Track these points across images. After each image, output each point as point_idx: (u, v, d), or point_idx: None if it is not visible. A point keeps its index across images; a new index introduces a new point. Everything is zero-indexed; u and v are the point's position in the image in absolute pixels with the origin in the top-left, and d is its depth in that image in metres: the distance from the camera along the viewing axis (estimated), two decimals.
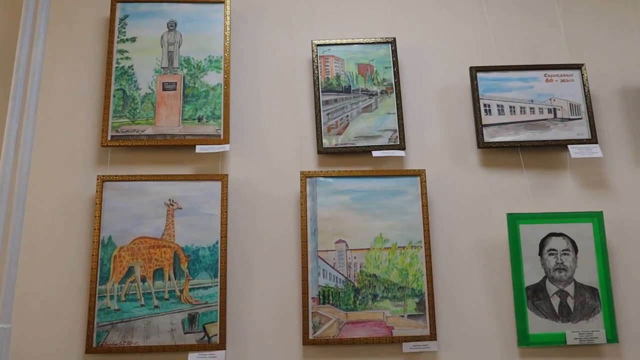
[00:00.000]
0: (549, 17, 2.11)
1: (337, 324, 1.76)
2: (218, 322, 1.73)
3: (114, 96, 1.89)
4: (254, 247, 1.84)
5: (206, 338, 1.73)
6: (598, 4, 2.15)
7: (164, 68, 1.93)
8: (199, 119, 1.89)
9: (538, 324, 1.79)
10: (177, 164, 1.89)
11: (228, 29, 1.97)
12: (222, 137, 1.87)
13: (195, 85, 1.92)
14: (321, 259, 1.80)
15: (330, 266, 1.80)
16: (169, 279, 1.76)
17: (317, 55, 1.97)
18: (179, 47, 1.95)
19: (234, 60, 1.99)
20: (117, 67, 1.91)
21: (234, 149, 1.92)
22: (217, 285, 1.76)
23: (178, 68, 1.93)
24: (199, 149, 1.85)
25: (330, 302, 1.77)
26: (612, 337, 1.79)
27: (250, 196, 1.89)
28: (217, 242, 1.79)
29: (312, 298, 1.77)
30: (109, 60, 1.91)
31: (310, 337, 1.74)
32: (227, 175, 1.85)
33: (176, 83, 1.91)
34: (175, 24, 1.97)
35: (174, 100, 1.90)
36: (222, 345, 1.72)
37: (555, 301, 1.81)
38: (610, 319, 1.80)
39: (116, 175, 1.83)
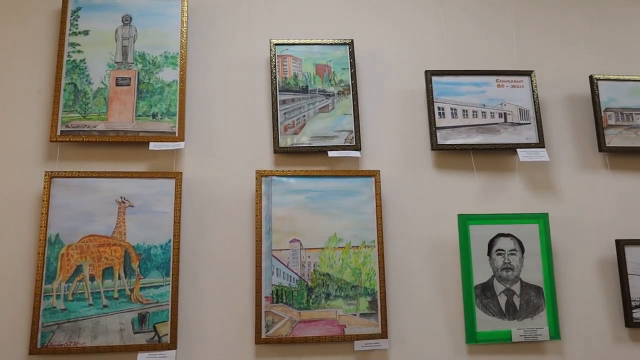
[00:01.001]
0: (502, 25, 2.18)
1: (290, 323, 1.76)
2: (169, 322, 1.71)
3: (65, 90, 1.84)
4: (207, 246, 1.83)
5: (156, 338, 1.70)
6: (549, 15, 2.23)
7: (117, 63, 1.89)
8: (154, 116, 1.86)
9: (485, 322, 1.85)
10: (130, 161, 1.86)
11: (185, 25, 1.94)
12: (176, 135, 1.85)
13: (150, 81, 1.89)
14: (275, 258, 1.80)
15: (284, 265, 1.80)
16: (119, 278, 1.73)
17: (275, 54, 1.97)
18: (134, 41, 1.91)
19: (190, 57, 1.97)
20: (68, 61, 1.86)
21: (188, 146, 1.90)
22: (168, 284, 1.74)
23: (132, 63, 1.90)
24: (153, 146, 1.82)
25: (284, 301, 1.78)
26: (555, 334, 1.86)
27: (204, 194, 1.87)
28: (169, 241, 1.77)
29: (266, 297, 1.77)
30: (60, 53, 1.86)
31: (263, 336, 1.74)
32: (181, 173, 1.83)
33: (130, 78, 1.88)
34: (131, 18, 1.93)
35: (128, 96, 1.87)
36: (172, 345, 1.70)
37: (502, 300, 1.87)
38: (554, 316, 1.87)
39: (65, 172, 1.78)
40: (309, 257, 1.82)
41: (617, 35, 2.24)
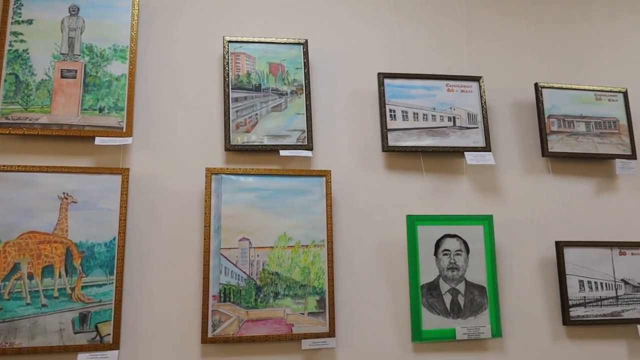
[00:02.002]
0: (454, 31, 2.24)
1: (237, 322, 1.75)
2: (112, 321, 1.67)
3: (5, 81, 1.76)
4: (154, 244, 1.80)
5: (98, 338, 1.66)
6: (498, 23, 2.30)
7: (63, 54, 1.83)
8: (100, 110, 1.81)
9: (431, 320, 1.89)
10: (75, 156, 1.80)
11: (136, 18, 1.90)
12: (124, 130, 1.81)
13: (97, 74, 1.83)
14: (224, 256, 1.79)
15: (233, 264, 1.79)
16: (60, 277, 1.67)
17: (228, 51, 1.96)
18: (81, 33, 1.86)
19: (141, 51, 1.93)
20: (10, 50, 1.79)
21: (137, 142, 1.86)
22: (112, 282, 1.69)
23: (79, 55, 1.84)
24: (99, 140, 1.77)
25: (232, 300, 1.76)
26: (497, 332, 1.92)
27: (152, 191, 1.83)
28: (114, 238, 1.72)
29: (213, 296, 1.75)
30: (1, 42, 1.78)
31: (209, 335, 1.72)
32: (128, 169, 1.78)
33: (76, 71, 1.82)
34: (78, 8, 1.87)
35: (73, 88, 1.81)
36: (115, 345, 1.66)
37: (448, 299, 1.92)
38: (496, 315, 1.93)
39: (4, 165, 1.70)
40: (258, 256, 1.81)
41: (562, 46, 2.33)
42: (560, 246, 2.03)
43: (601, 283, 2.05)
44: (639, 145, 2.25)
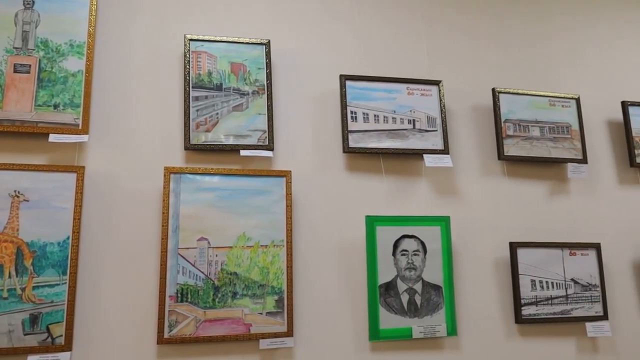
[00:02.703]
0: (415, 35, 2.28)
1: (194, 322, 1.74)
2: (64, 322, 1.63)
3: None
4: (110, 244, 1.77)
5: (50, 339, 1.62)
6: (458, 30, 2.35)
7: (16, 48, 1.78)
8: (55, 106, 1.77)
9: (388, 320, 1.92)
10: (27, 153, 1.75)
11: (94, 13, 1.86)
12: (80, 127, 1.77)
13: (52, 69, 1.79)
14: (181, 256, 1.77)
15: (191, 264, 1.78)
16: (10, 277, 1.63)
17: (189, 50, 1.94)
18: (36, 27, 1.81)
19: (99, 47, 1.90)
20: None
21: (93, 140, 1.82)
22: (65, 283, 1.66)
23: (34, 50, 1.79)
24: (53, 138, 1.73)
25: (189, 300, 1.75)
26: (452, 330, 1.97)
27: (109, 190, 1.80)
28: (68, 238, 1.69)
29: (170, 296, 1.73)
30: None
31: (166, 335, 1.70)
32: (84, 167, 1.75)
33: (30, 66, 1.78)
34: (33, 1, 1.82)
35: (27, 84, 1.76)
36: (67, 347, 1.62)
37: (405, 298, 1.96)
38: (451, 314, 1.98)
39: None
40: (216, 255, 1.81)
41: (519, 54, 2.40)
42: (513, 247, 2.10)
43: (552, 282, 2.13)
44: (590, 150, 2.35)
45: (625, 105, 2.41)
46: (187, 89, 1.91)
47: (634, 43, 2.62)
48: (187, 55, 1.93)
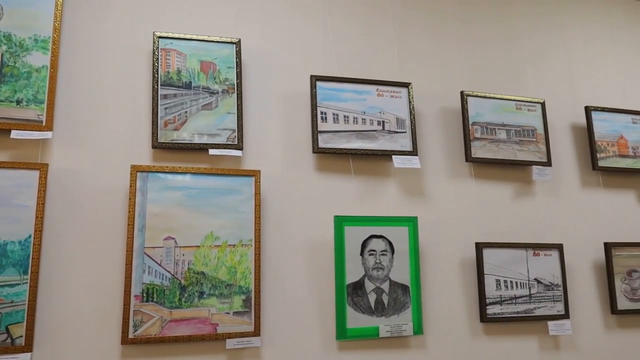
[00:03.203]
0: (385, 37, 2.30)
1: (160, 322, 1.73)
2: (24, 323, 1.60)
3: None
4: (74, 243, 1.74)
5: (9, 340, 1.58)
6: (428, 33, 2.38)
7: None
8: (18, 102, 1.73)
9: (356, 319, 1.94)
10: None
11: (60, 8, 1.83)
12: (44, 124, 1.74)
13: (15, 64, 1.75)
14: (147, 255, 1.75)
15: (157, 263, 1.76)
16: None
17: (158, 47, 1.92)
18: None
19: (65, 43, 1.86)
20: None
21: (58, 137, 1.79)
22: (26, 282, 1.63)
23: None
24: (15, 134, 1.69)
25: (155, 299, 1.74)
26: (418, 329, 2.00)
27: (73, 188, 1.77)
28: (29, 236, 1.65)
29: (135, 296, 1.72)
30: None
31: (130, 336, 1.68)
32: (47, 164, 1.72)
33: None
34: None
35: None
36: (27, 348, 1.59)
37: (372, 297, 1.98)
38: (418, 313, 2.01)
39: None
40: (183, 255, 1.79)
41: (487, 58, 2.45)
42: (479, 247, 2.14)
43: (516, 282, 2.18)
44: (554, 153, 2.41)
45: (588, 111, 2.49)
46: (156, 86, 1.89)
47: (598, 49, 2.70)
48: (156, 53, 1.92)
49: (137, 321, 1.70)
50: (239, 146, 1.93)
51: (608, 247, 2.35)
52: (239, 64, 2.01)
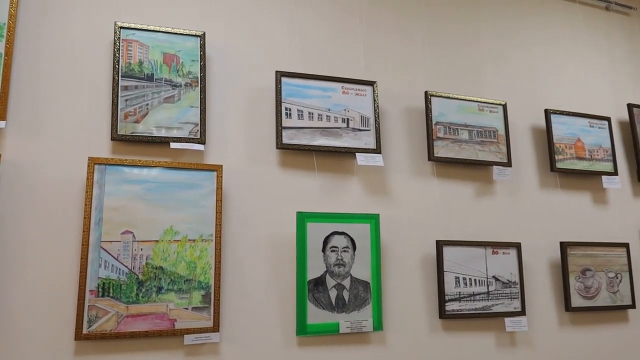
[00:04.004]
0: (352, 35, 2.31)
1: (115, 317, 1.69)
2: None
3: None
4: (28, 236, 1.69)
5: None
6: (394, 33, 2.40)
7: None
8: None
9: (316, 315, 1.95)
10: None
11: None
12: None
13: None
14: (104, 249, 1.72)
15: (114, 257, 1.73)
16: None
17: (119, 37, 1.89)
18: None
19: (21, 30, 1.81)
20: None
21: (12, 127, 1.74)
22: None
23: None
24: None
25: (111, 294, 1.70)
26: (378, 325, 2.02)
27: (27, 180, 1.72)
28: None
29: (90, 290, 1.68)
30: None
31: (84, 331, 1.65)
32: (0, 155, 1.67)
33: None
34: None
35: None
36: None
37: (333, 294, 1.99)
38: (378, 309, 2.03)
39: None
40: (141, 249, 1.77)
41: (451, 59, 2.49)
42: (440, 245, 2.18)
43: (475, 279, 2.22)
44: (515, 154, 2.47)
45: (548, 113, 2.56)
46: (116, 77, 1.86)
47: (558, 52, 2.77)
48: (117, 43, 1.88)
49: (91, 316, 1.67)
50: (202, 140, 1.91)
51: (564, 246, 2.42)
52: (203, 58, 1.98)
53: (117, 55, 1.87)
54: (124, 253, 1.74)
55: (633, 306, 2.51)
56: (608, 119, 2.70)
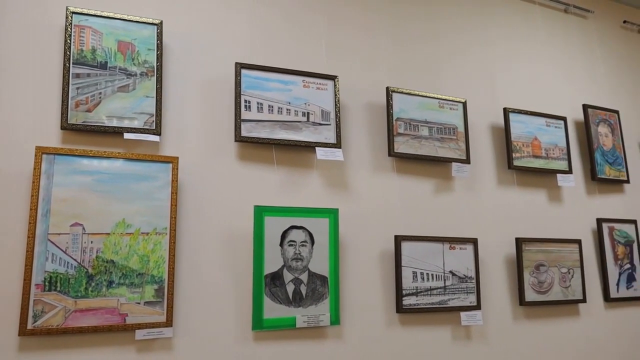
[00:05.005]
0: (314, 29, 2.30)
1: (63, 312, 1.64)
2: None
3: None
4: None
5: None
6: (357, 28, 2.40)
7: None
8: None
9: (273, 309, 1.93)
10: None
11: None
12: None
13: None
14: (52, 242, 1.66)
15: (62, 250, 1.67)
16: None
17: (71, 23, 1.82)
18: None
19: None
20: None
21: None
22: None
23: None
24: None
25: (58, 289, 1.65)
26: (335, 319, 2.02)
27: None
28: None
29: (36, 284, 1.62)
30: None
31: (29, 327, 1.59)
32: None
33: None
34: None
35: None
36: None
37: (290, 288, 1.98)
38: (335, 303, 2.03)
39: None
40: (92, 242, 1.72)
41: (413, 56, 2.51)
42: (398, 240, 2.19)
43: (432, 274, 2.25)
44: (473, 151, 2.51)
45: (506, 112, 2.61)
46: (67, 64, 1.79)
47: (518, 52, 2.83)
48: (69, 29, 1.81)
49: (37, 311, 1.61)
50: (157, 131, 1.87)
51: (519, 242, 2.48)
52: (160, 47, 1.94)
53: (68, 41, 1.81)
54: (73, 246, 1.69)
55: (584, 300, 2.59)
56: (564, 119, 2.77)
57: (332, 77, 2.21)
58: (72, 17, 1.82)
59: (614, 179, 2.87)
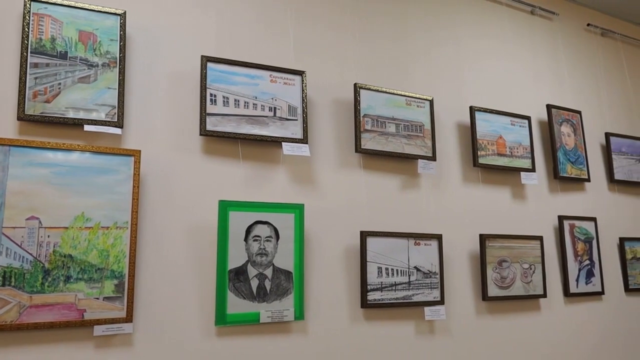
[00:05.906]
0: (282, 24, 2.29)
1: (17, 308, 1.60)
2: None
3: None
4: None
5: None
6: (325, 23, 2.40)
7: None
8: None
9: (236, 305, 1.92)
10: None
11: None
12: None
13: None
14: (6, 236, 1.62)
15: (17, 244, 1.63)
16: None
17: (30, 11, 1.77)
18: None
19: None
20: None
21: None
22: None
23: None
24: None
25: (12, 284, 1.60)
26: (300, 315, 2.02)
27: None
28: None
29: None
30: None
31: None
32: None
33: None
34: None
35: None
36: None
37: (255, 283, 1.97)
38: (300, 299, 2.03)
39: None
40: (49, 236, 1.67)
41: (381, 53, 2.52)
42: (363, 235, 2.21)
43: (397, 270, 2.27)
44: (440, 148, 2.55)
45: (472, 110, 2.65)
46: (25, 54, 1.74)
47: (485, 50, 2.88)
48: (27, 17, 1.76)
49: None
50: (119, 124, 1.83)
51: (482, 238, 2.52)
52: (123, 37, 1.90)
53: (26, 29, 1.75)
54: (29, 240, 1.65)
55: (544, 295, 2.65)
56: (528, 118, 2.83)
57: (300, 73, 2.21)
58: (30, 5, 1.77)
59: (576, 178, 2.95)
